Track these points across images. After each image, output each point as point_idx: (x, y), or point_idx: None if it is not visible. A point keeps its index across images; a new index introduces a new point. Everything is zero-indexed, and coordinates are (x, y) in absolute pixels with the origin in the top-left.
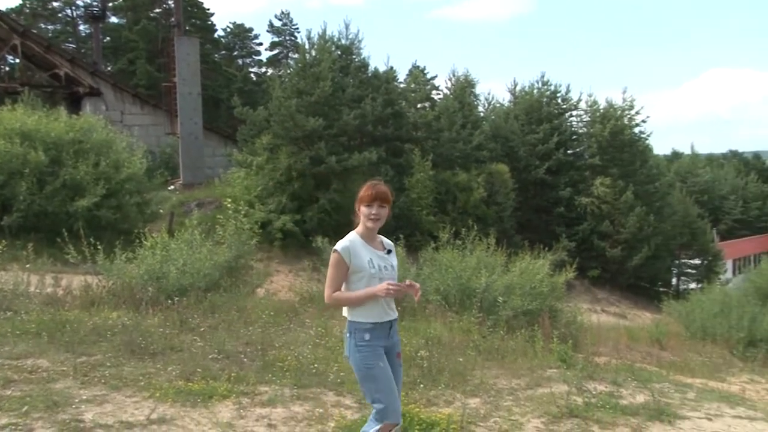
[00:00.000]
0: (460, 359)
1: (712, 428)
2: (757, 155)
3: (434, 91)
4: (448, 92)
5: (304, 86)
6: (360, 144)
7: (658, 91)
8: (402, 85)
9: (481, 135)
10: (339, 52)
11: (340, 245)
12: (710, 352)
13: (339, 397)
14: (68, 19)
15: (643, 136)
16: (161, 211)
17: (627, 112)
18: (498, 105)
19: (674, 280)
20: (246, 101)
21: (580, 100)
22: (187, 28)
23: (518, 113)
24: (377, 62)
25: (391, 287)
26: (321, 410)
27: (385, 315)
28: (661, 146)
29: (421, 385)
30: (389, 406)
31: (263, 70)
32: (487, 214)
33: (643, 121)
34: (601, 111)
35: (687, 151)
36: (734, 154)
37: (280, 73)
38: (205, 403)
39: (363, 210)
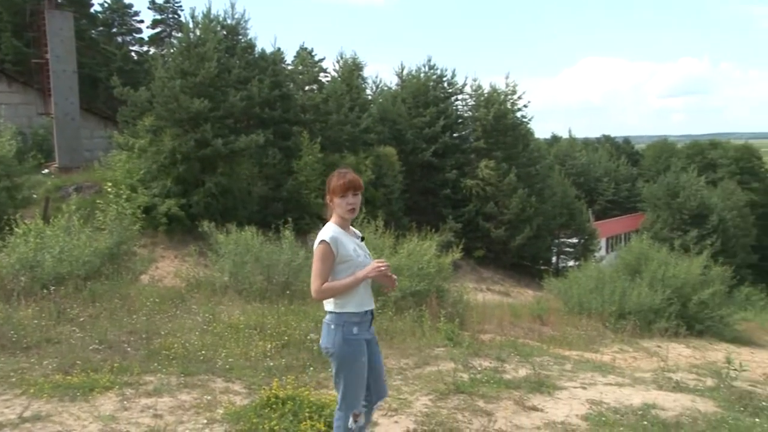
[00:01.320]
0: None
1: (586, 396)
2: (627, 140)
3: (322, 74)
4: (336, 75)
5: (188, 67)
6: (247, 126)
7: (538, 78)
8: (289, 67)
9: (369, 118)
10: (224, 32)
11: (327, 236)
12: (586, 325)
13: (228, 384)
14: None
15: (524, 120)
16: (35, 196)
17: (510, 96)
18: (385, 88)
19: (554, 259)
20: (126, 81)
21: (465, 84)
22: (59, 1)
23: (405, 97)
24: (264, 43)
25: (381, 266)
26: (209, 397)
27: (368, 304)
28: (541, 130)
29: (311, 368)
30: (357, 400)
31: (145, 48)
32: (375, 197)
33: (525, 106)
34: (486, 95)
35: (565, 135)
36: (607, 139)
37: (162, 53)
38: (85, 397)
39: (338, 201)
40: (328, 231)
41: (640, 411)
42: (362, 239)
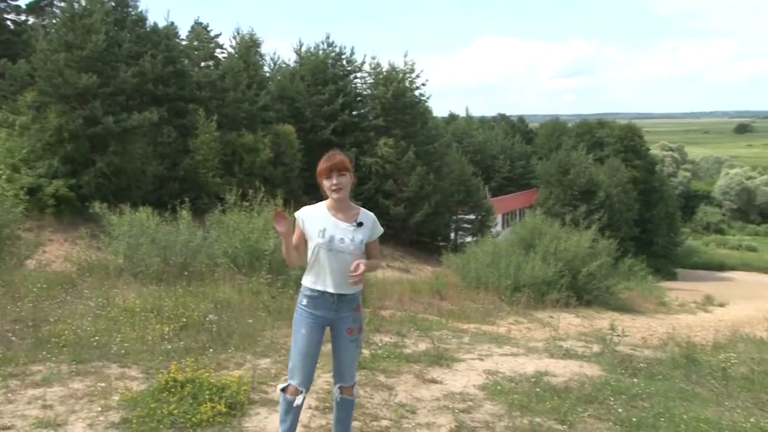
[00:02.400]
0: (250, 321)
1: (483, 367)
2: (521, 119)
3: (218, 50)
4: (233, 51)
5: (73, 39)
6: (140, 104)
7: (436, 57)
8: (184, 43)
9: (267, 95)
10: (113, 4)
11: (298, 211)
12: (483, 299)
13: (123, 369)
14: None
15: (423, 98)
16: None
17: (408, 75)
18: (284, 65)
19: (452, 235)
20: (3, 53)
21: (364, 62)
22: None
23: (304, 74)
24: (156, 17)
25: (353, 278)
26: (104, 384)
27: (326, 286)
28: (439, 109)
29: (211, 350)
30: (294, 369)
31: (23, 18)
32: (274, 175)
33: (423, 85)
34: (384, 74)
35: (462, 113)
36: (503, 117)
37: (44, 23)
38: None
39: (324, 183)
40: (304, 208)
41: (533, 378)
42: (359, 225)
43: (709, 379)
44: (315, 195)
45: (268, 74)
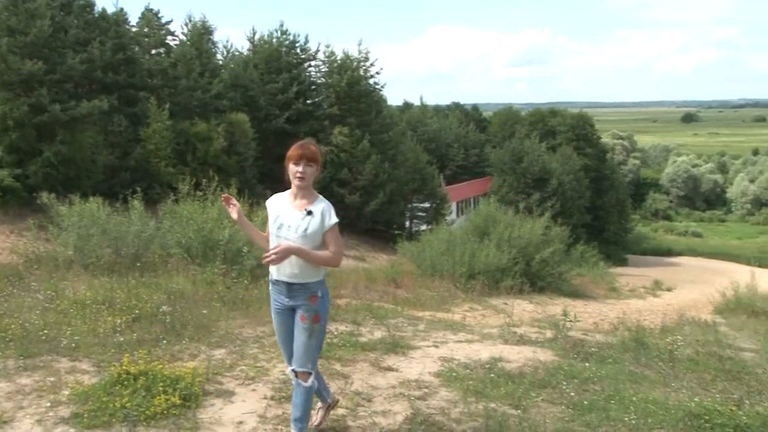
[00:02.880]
0: (205, 312)
1: (439, 354)
2: (475, 107)
3: (170, 37)
4: (185, 38)
5: (16, 24)
6: (89, 91)
7: (391, 45)
8: (134, 30)
9: (220, 84)
10: None
11: (268, 200)
12: (438, 286)
13: (74, 363)
14: None
15: (377, 87)
16: None
17: (362, 63)
18: (237, 53)
19: (407, 223)
20: None
21: (318, 50)
22: None
23: (258, 62)
24: (105, 3)
25: (266, 255)
26: (53, 379)
27: (277, 273)
28: (393, 97)
29: (165, 341)
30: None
31: None
32: (228, 165)
33: (378, 73)
34: (339, 62)
35: (417, 102)
36: (457, 106)
37: None
38: None
39: (291, 168)
40: (273, 196)
41: (487, 364)
42: (308, 213)
43: (657, 361)
44: (270, 184)
45: (221, 62)
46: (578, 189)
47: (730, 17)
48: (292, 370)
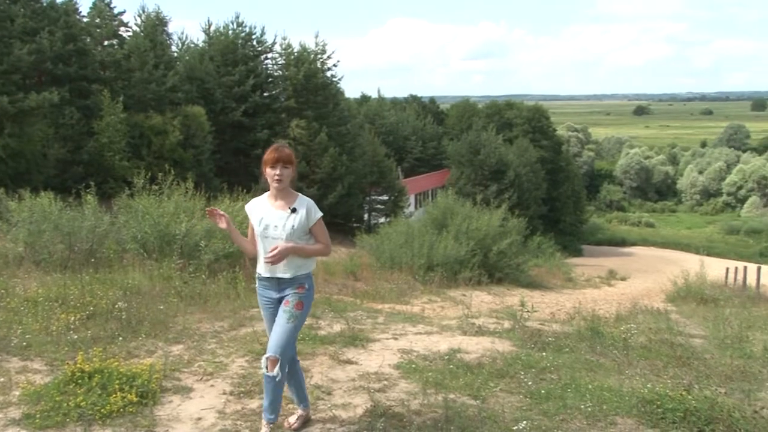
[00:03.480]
0: (161, 307)
1: (398, 346)
2: (432, 100)
3: (122, 28)
4: (138, 30)
5: None
6: (38, 83)
7: (348, 38)
8: (85, 20)
9: (175, 76)
10: None
11: (246, 205)
12: (397, 279)
13: (25, 362)
14: None
15: (335, 79)
16: None
17: (319, 56)
18: (192, 45)
19: (366, 216)
20: None
21: (274, 43)
22: None
23: (213, 54)
24: None
25: (267, 258)
26: (3, 379)
27: (269, 272)
28: (351, 90)
29: (120, 338)
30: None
31: None
32: (184, 158)
33: (335, 66)
34: (296, 54)
35: (374, 95)
36: (414, 99)
37: None
38: None
39: (268, 171)
40: (252, 199)
41: (446, 356)
42: (293, 211)
43: (611, 349)
44: (227, 177)
45: (176, 54)
46: (535, 181)
47: (679, 13)
48: (266, 357)
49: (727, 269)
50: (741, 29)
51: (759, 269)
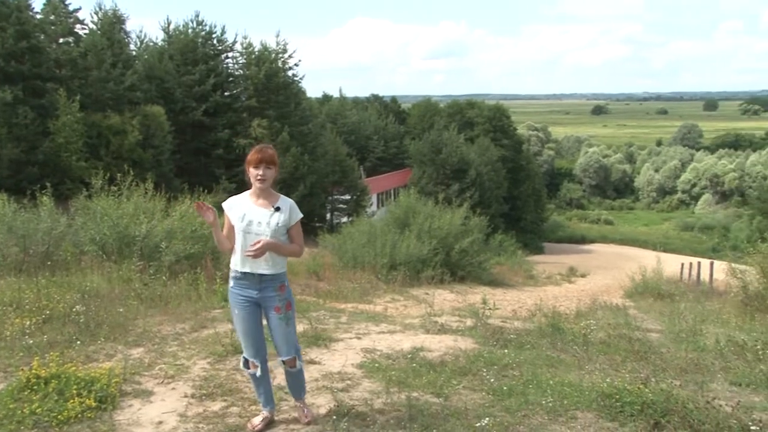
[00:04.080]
0: (121, 310)
1: (361, 345)
2: (394, 99)
3: (78, 26)
4: (95, 27)
5: None
6: None
7: (309, 37)
8: (38, 17)
9: (134, 75)
10: None
11: (226, 201)
12: (360, 278)
13: None
14: None
15: (296, 79)
16: None
17: (281, 55)
18: (151, 44)
19: (328, 215)
20: None
21: (235, 41)
22: None
23: (173, 53)
24: None
25: (248, 250)
26: None
27: (247, 267)
28: (313, 89)
29: (78, 342)
30: (243, 346)
31: None
32: (143, 158)
33: (296, 65)
34: (257, 54)
35: (336, 94)
36: (376, 98)
37: None
38: None
39: (251, 171)
40: (231, 197)
41: (409, 354)
42: (277, 209)
43: (572, 345)
44: (187, 178)
45: (134, 53)
46: (496, 179)
47: (636, 14)
48: (282, 360)
49: (682, 265)
50: (695, 32)
51: (712, 264)
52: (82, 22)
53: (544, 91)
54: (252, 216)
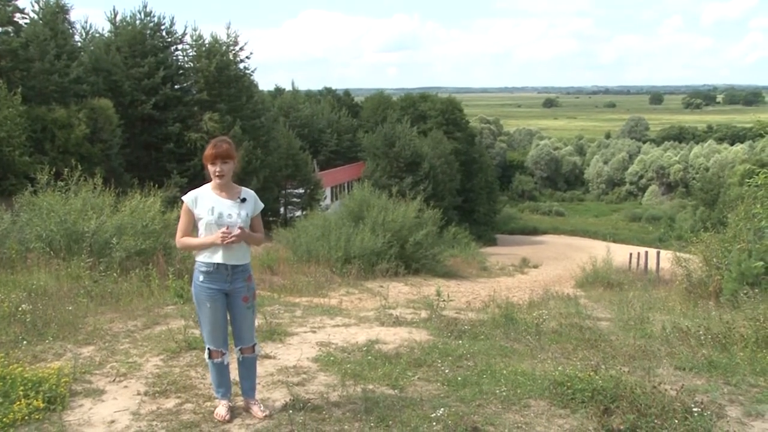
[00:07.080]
0: (70, 308)
1: (316, 339)
2: (347, 92)
3: (18, 15)
4: (36, 17)
5: None
6: None
7: (261, 29)
8: None
9: (79, 67)
10: None
11: (186, 195)
12: (314, 272)
13: None
14: None
15: (248, 71)
16: None
17: (232, 47)
18: (97, 35)
19: (282, 209)
20: None
21: (185, 33)
22: None
23: (120, 45)
24: None
25: (223, 235)
26: None
27: (220, 258)
28: (265, 82)
29: (25, 342)
30: (209, 337)
31: None
32: (91, 153)
33: (248, 57)
34: (207, 46)
35: (289, 87)
36: (329, 91)
37: None
38: None
39: (209, 168)
40: (192, 191)
41: (364, 347)
42: (243, 200)
43: (525, 335)
44: (137, 172)
45: (79, 44)
46: (449, 172)
47: (585, 10)
48: (240, 349)
49: (631, 254)
50: (640, 26)
51: (658, 254)
52: (22, 11)
53: (496, 84)
54: (221, 208)
